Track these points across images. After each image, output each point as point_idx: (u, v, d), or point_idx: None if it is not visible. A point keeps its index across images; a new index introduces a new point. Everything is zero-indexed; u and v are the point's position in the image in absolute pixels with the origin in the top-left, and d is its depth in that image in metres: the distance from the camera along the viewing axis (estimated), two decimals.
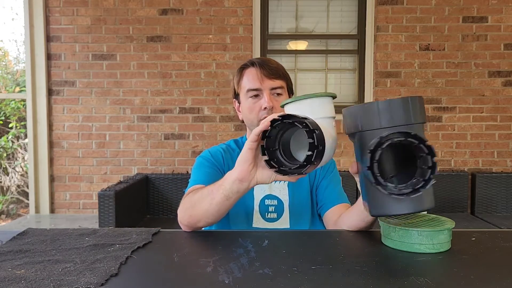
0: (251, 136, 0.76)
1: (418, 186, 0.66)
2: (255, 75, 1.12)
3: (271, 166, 0.75)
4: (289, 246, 0.78)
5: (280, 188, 1.15)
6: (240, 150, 1.19)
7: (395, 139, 0.66)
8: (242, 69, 1.17)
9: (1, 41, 5.45)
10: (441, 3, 3.05)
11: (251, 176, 0.80)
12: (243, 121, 1.20)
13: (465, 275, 0.63)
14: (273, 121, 0.72)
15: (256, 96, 1.12)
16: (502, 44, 3.07)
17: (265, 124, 0.72)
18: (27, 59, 3.08)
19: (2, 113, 4.70)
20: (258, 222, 1.12)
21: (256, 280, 0.61)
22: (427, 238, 0.74)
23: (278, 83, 1.12)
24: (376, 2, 3.06)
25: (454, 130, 3.11)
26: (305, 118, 0.70)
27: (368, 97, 3.13)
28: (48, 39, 3.08)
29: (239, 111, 1.20)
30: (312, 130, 0.69)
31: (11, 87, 5.06)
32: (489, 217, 2.91)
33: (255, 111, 1.12)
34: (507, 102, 3.10)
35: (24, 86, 3.31)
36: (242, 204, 1.13)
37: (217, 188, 0.85)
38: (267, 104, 1.08)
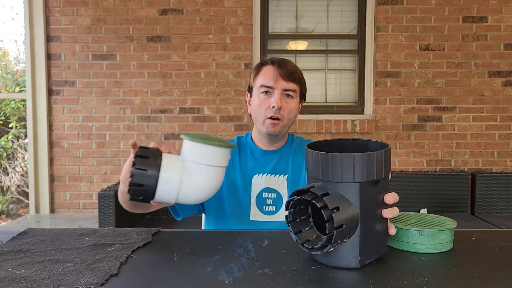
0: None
1: (316, 246, 0.64)
2: (272, 73, 1.14)
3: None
4: (289, 246, 0.78)
5: (279, 182, 1.17)
6: (240, 147, 1.22)
7: (302, 197, 0.66)
8: (261, 65, 1.19)
9: (1, 41, 5.45)
10: (441, 3, 3.05)
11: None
12: (251, 115, 1.23)
13: (465, 275, 0.63)
14: (140, 147, 0.77)
15: (267, 93, 1.14)
16: (502, 44, 3.07)
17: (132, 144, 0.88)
18: (27, 59, 3.08)
19: (2, 113, 4.70)
20: (256, 215, 1.14)
21: (256, 280, 0.61)
22: (428, 238, 0.73)
23: (291, 86, 1.14)
24: (376, 2, 3.06)
25: (454, 130, 3.11)
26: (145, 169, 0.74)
27: (368, 97, 3.13)
28: (48, 39, 3.08)
29: (249, 105, 1.23)
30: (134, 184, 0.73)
31: (11, 87, 5.06)
32: (489, 217, 2.91)
33: (263, 108, 1.14)
34: (507, 102, 3.10)
35: (24, 86, 3.31)
36: (238, 198, 1.16)
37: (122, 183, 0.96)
38: (275, 104, 1.11)
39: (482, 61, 3.08)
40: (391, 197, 0.69)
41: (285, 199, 1.15)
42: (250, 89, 1.22)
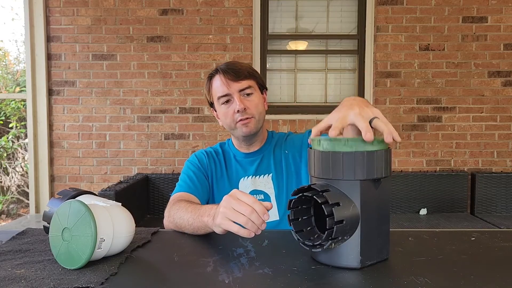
0: None
1: (316, 243, 0.65)
2: (221, 81, 1.14)
3: None
4: (289, 246, 0.78)
5: (264, 182, 1.19)
6: (224, 154, 1.24)
7: (304, 194, 0.65)
8: (210, 78, 1.20)
9: (1, 41, 5.45)
10: (441, 3, 3.05)
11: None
12: (224, 128, 1.24)
13: (465, 275, 0.63)
14: None
15: (227, 101, 1.15)
16: (501, 44, 3.07)
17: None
18: (27, 59, 3.08)
19: (2, 113, 4.70)
20: None
21: (256, 279, 0.61)
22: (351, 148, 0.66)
23: (245, 83, 1.15)
24: (376, 2, 3.06)
25: (454, 130, 3.11)
26: None
27: (368, 97, 3.13)
28: (48, 39, 3.08)
29: (218, 118, 1.23)
30: None
31: (12, 87, 5.06)
32: (489, 217, 2.91)
33: (230, 116, 1.15)
34: (507, 102, 3.10)
35: (24, 86, 3.31)
36: None
37: (198, 219, 0.87)
38: (238, 107, 1.12)
39: (481, 61, 3.08)
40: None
41: (273, 198, 1.16)
42: (211, 105, 1.23)
